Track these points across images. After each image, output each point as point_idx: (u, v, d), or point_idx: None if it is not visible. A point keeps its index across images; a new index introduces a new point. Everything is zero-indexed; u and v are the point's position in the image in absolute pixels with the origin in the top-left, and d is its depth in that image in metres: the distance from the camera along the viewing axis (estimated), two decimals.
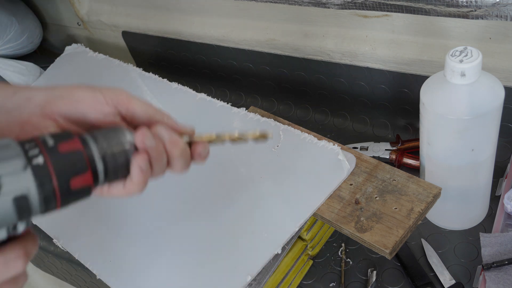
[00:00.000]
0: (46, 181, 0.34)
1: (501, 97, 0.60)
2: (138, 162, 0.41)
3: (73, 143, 0.36)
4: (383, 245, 0.60)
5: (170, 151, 0.44)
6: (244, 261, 0.64)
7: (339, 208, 0.66)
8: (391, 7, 0.72)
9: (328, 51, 0.92)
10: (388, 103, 0.92)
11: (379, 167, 0.70)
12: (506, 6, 0.63)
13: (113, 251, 0.72)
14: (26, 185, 0.33)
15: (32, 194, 0.34)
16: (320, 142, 0.74)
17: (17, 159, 0.33)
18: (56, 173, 0.34)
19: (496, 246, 0.66)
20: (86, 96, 0.42)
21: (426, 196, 0.64)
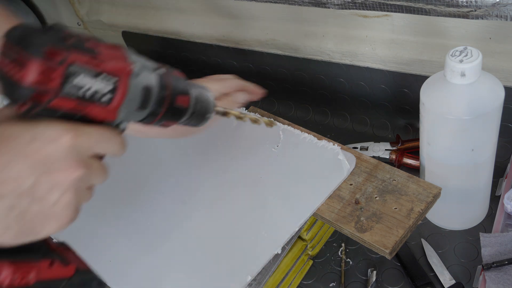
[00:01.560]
0: (163, 86, 0.46)
1: (501, 97, 0.60)
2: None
3: (180, 73, 0.50)
4: (383, 245, 0.60)
5: None
6: (244, 261, 0.64)
7: (339, 208, 0.66)
8: (391, 7, 0.72)
9: (328, 51, 0.92)
10: (388, 103, 0.92)
11: (379, 167, 0.70)
12: (506, 6, 0.63)
13: (113, 251, 0.72)
14: (152, 82, 0.44)
15: (154, 90, 0.45)
16: (320, 142, 0.74)
17: (151, 64, 0.45)
18: (171, 85, 0.47)
19: (496, 246, 0.66)
20: None
21: (426, 196, 0.64)
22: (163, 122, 0.49)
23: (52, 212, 0.39)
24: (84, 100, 0.39)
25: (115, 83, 0.41)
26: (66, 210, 0.40)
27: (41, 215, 0.39)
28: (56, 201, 0.39)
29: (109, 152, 0.43)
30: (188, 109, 0.50)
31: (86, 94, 0.39)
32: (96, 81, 0.39)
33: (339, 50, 0.91)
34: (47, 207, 0.39)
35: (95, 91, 0.40)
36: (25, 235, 0.39)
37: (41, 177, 0.38)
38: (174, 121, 0.50)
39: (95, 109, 0.40)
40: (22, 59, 0.36)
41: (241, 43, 1.02)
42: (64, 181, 0.39)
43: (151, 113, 0.46)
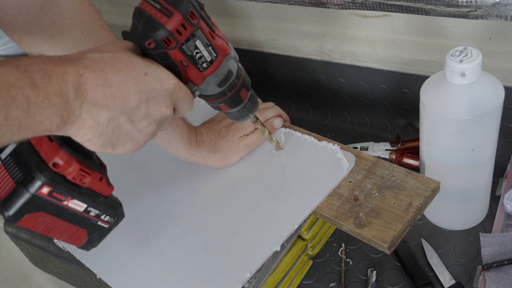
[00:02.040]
0: (239, 76, 0.57)
1: (501, 97, 0.60)
2: None
3: None
4: (382, 239, 0.61)
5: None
6: (243, 259, 0.65)
7: (338, 205, 0.66)
8: (391, 7, 0.72)
9: (328, 51, 0.92)
10: (388, 103, 0.92)
11: (378, 164, 0.70)
12: (506, 6, 0.63)
13: (113, 251, 0.72)
14: (234, 69, 0.56)
15: (233, 75, 0.56)
16: (320, 143, 0.74)
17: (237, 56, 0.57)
18: (242, 77, 0.58)
19: (496, 246, 0.66)
20: None
21: (424, 190, 0.65)
22: (223, 104, 0.58)
23: (135, 136, 0.47)
24: (191, 59, 0.50)
25: (215, 57, 0.52)
26: (144, 138, 0.49)
27: (127, 135, 0.47)
28: (143, 128, 0.48)
29: (183, 108, 0.52)
30: (244, 102, 0.60)
31: (195, 55, 0.50)
32: (205, 50, 0.50)
33: (339, 50, 0.91)
34: (135, 130, 0.47)
35: (201, 55, 0.50)
36: (107, 146, 0.46)
37: (141, 104, 0.46)
38: (230, 108, 0.60)
39: (192, 70, 0.51)
40: (170, 10, 0.47)
41: (241, 43, 1.02)
42: (156, 115, 0.48)
43: (221, 92, 0.56)
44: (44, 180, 0.44)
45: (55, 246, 0.79)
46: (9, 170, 0.44)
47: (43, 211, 0.45)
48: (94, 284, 0.91)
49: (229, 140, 0.76)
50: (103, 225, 0.51)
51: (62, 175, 0.45)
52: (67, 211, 0.47)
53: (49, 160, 0.45)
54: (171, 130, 0.72)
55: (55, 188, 0.45)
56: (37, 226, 0.46)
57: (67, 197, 0.46)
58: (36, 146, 0.45)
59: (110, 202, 0.51)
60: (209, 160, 0.76)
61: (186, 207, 0.74)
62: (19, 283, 1.35)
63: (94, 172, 0.48)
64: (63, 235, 0.48)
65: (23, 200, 0.43)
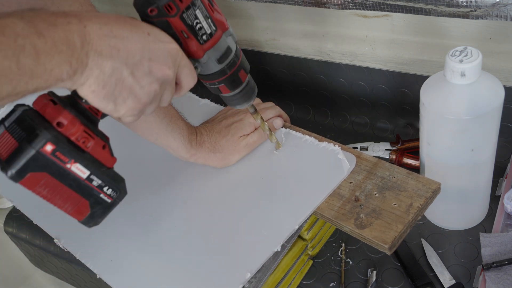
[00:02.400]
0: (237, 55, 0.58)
1: (501, 97, 0.60)
2: None
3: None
4: (382, 240, 0.61)
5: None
6: (244, 259, 0.65)
7: (338, 205, 0.66)
8: (391, 7, 0.72)
9: (328, 51, 0.92)
10: (388, 103, 0.92)
11: (379, 164, 0.70)
12: (506, 6, 0.63)
13: (113, 251, 0.72)
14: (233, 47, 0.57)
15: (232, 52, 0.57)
16: (321, 144, 0.74)
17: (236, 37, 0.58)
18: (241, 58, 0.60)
19: (496, 246, 0.66)
20: None
21: (425, 191, 0.65)
22: (222, 85, 0.60)
23: (137, 92, 0.48)
24: (192, 30, 0.52)
25: (214, 31, 0.54)
26: (146, 97, 0.49)
27: (129, 89, 0.47)
28: (146, 85, 0.48)
29: (186, 80, 0.54)
30: (243, 84, 0.62)
31: (195, 25, 0.52)
32: (205, 21, 0.52)
33: (339, 50, 0.91)
34: (137, 86, 0.48)
35: (201, 27, 0.52)
36: (110, 100, 0.46)
37: (144, 60, 0.47)
38: (229, 90, 0.61)
39: (192, 42, 0.53)
40: None
41: (241, 43, 1.02)
42: (158, 73, 0.49)
43: (221, 70, 0.57)
44: (48, 136, 0.44)
45: (55, 246, 0.79)
46: (13, 134, 0.45)
47: (46, 172, 0.45)
48: (94, 284, 0.91)
49: (229, 140, 0.76)
50: (106, 199, 0.51)
51: (66, 136, 0.46)
52: (70, 176, 0.47)
53: (53, 120, 0.46)
54: (171, 130, 0.72)
55: (59, 147, 0.45)
56: (40, 189, 0.46)
57: (70, 159, 0.46)
58: (40, 111, 0.46)
59: (113, 174, 0.51)
60: (209, 160, 0.76)
61: (186, 207, 0.74)
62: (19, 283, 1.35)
63: (97, 137, 0.49)
64: (66, 204, 0.48)
65: (27, 157, 0.44)
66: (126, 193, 0.54)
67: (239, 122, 0.78)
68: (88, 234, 0.76)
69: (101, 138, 0.49)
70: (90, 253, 0.74)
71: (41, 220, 0.82)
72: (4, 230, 1.00)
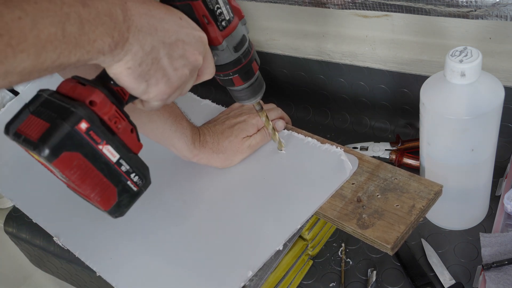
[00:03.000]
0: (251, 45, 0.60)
1: (501, 97, 0.60)
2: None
3: None
4: (385, 240, 0.61)
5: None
6: (246, 257, 0.65)
7: (341, 206, 0.66)
8: (391, 7, 0.72)
9: (328, 51, 0.92)
10: (388, 103, 0.92)
11: (381, 166, 0.70)
12: (506, 6, 0.63)
13: (113, 249, 0.72)
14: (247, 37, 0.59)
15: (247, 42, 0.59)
16: (323, 146, 0.74)
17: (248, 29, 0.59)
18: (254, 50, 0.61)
19: (496, 246, 0.66)
20: None
21: (427, 193, 0.65)
22: (236, 76, 0.60)
23: (170, 75, 0.48)
24: (213, 15, 0.52)
25: (232, 17, 0.55)
26: (177, 80, 0.49)
27: (163, 71, 0.48)
28: (179, 67, 0.49)
29: (206, 71, 0.54)
30: (255, 75, 0.63)
31: (216, 10, 0.52)
32: (225, 7, 0.53)
33: (339, 50, 0.91)
34: (171, 68, 0.48)
35: (221, 12, 0.53)
36: (143, 79, 0.46)
37: (179, 42, 0.48)
38: (243, 81, 0.62)
39: (212, 28, 0.53)
40: None
41: None
42: (190, 57, 0.50)
43: (237, 59, 0.58)
44: (83, 113, 0.43)
45: (55, 246, 0.79)
46: (41, 116, 0.44)
47: (79, 152, 0.44)
48: (94, 284, 0.91)
49: (232, 141, 0.76)
50: (133, 186, 0.50)
51: (99, 116, 0.45)
52: (101, 158, 0.46)
53: (86, 99, 0.45)
54: (175, 130, 0.72)
55: (93, 125, 0.44)
56: (72, 171, 0.44)
57: (102, 140, 0.45)
58: (68, 93, 0.45)
59: (139, 161, 0.51)
60: (212, 161, 0.76)
61: (188, 207, 0.74)
62: (19, 283, 1.35)
63: (127, 119, 0.48)
64: (94, 191, 0.47)
65: (62, 134, 0.43)
66: (151, 182, 0.53)
67: (242, 123, 0.78)
68: (88, 232, 0.77)
69: (130, 121, 0.49)
70: (90, 251, 0.74)
71: (41, 219, 0.82)
72: (4, 230, 1.00)
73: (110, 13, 0.41)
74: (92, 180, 0.46)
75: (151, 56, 0.46)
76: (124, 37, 0.43)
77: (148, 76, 0.47)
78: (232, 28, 0.55)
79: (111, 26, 0.41)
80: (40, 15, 0.37)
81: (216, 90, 1.10)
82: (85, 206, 0.80)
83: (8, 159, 0.94)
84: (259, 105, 0.70)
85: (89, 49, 0.40)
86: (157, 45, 0.46)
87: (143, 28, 0.44)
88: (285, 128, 0.80)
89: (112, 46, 0.42)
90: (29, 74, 0.38)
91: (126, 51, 0.43)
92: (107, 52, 0.42)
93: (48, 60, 0.38)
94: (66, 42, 0.38)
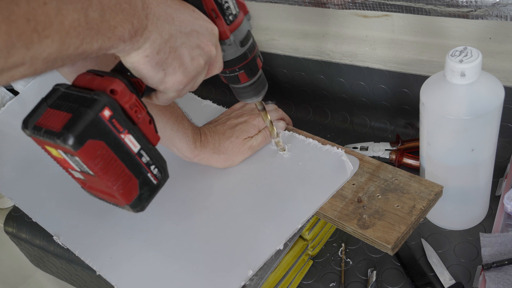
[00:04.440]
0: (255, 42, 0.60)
1: (501, 97, 0.60)
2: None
3: None
4: (385, 240, 0.61)
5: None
6: (246, 256, 0.65)
7: (341, 206, 0.67)
8: (391, 7, 0.72)
9: (328, 51, 0.92)
10: (388, 103, 0.92)
11: (382, 167, 0.70)
12: (506, 6, 0.63)
13: (113, 248, 0.72)
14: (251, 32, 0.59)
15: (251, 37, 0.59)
16: (324, 146, 0.74)
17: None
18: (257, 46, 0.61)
19: (496, 246, 0.66)
20: None
21: (428, 194, 0.65)
22: (242, 72, 0.61)
23: (187, 64, 0.49)
24: (221, 9, 0.53)
25: (238, 12, 0.55)
26: (193, 70, 0.50)
27: (180, 59, 0.48)
28: (195, 56, 0.49)
29: (215, 65, 0.54)
30: (259, 72, 0.63)
31: (223, 4, 0.53)
32: (232, 1, 0.53)
33: (339, 50, 0.91)
34: (188, 58, 0.49)
35: (228, 6, 0.53)
36: (160, 68, 0.47)
37: (194, 32, 0.49)
38: (247, 77, 0.62)
39: (220, 22, 0.53)
40: None
41: None
42: (205, 48, 0.50)
43: (243, 54, 0.58)
44: (106, 100, 0.43)
45: (55, 246, 0.79)
46: (61, 108, 0.44)
47: (103, 140, 0.44)
48: (94, 284, 0.91)
49: (234, 142, 0.76)
50: (153, 179, 0.50)
51: (120, 105, 0.45)
52: (124, 148, 0.46)
53: (106, 88, 0.45)
54: (176, 130, 0.72)
55: (115, 113, 0.44)
56: (96, 160, 0.44)
57: (124, 129, 0.45)
58: (86, 85, 0.45)
59: (158, 154, 0.51)
60: (212, 161, 0.76)
61: (189, 206, 0.75)
62: (19, 283, 1.35)
63: (146, 111, 0.48)
64: (118, 182, 0.46)
65: (87, 121, 0.42)
66: (169, 176, 0.53)
67: (244, 124, 0.78)
68: (88, 231, 0.77)
69: (148, 112, 0.48)
70: (90, 250, 0.74)
71: (41, 218, 0.82)
72: (4, 230, 1.00)
73: (130, 0, 0.42)
74: (115, 171, 0.46)
75: (169, 45, 0.46)
76: (143, 24, 0.43)
77: (166, 64, 0.47)
78: (239, 23, 0.56)
79: (131, 13, 0.41)
80: (63, 0, 0.37)
81: (217, 90, 1.10)
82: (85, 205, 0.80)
83: (8, 159, 0.94)
84: (261, 105, 0.70)
85: (110, 35, 0.40)
86: (175, 34, 0.47)
87: (161, 16, 0.45)
88: (286, 129, 0.80)
89: (132, 33, 0.42)
90: (54, 61, 0.38)
91: (145, 39, 0.44)
92: (127, 39, 0.42)
93: (72, 47, 0.38)
94: (89, 28, 0.39)
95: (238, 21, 0.55)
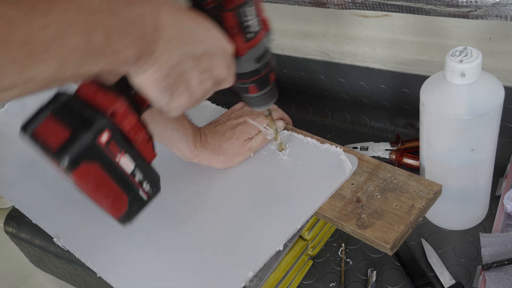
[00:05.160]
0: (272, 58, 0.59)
1: (501, 97, 0.60)
2: None
3: None
4: (384, 240, 0.61)
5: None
6: (246, 257, 0.65)
7: (340, 206, 0.67)
8: (391, 7, 0.72)
9: (328, 51, 0.92)
10: (388, 103, 0.92)
11: (381, 166, 0.70)
12: (506, 6, 0.63)
13: (113, 249, 0.72)
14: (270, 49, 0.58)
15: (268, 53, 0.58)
16: (323, 146, 0.74)
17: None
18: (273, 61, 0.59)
19: (496, 246, 0.66)
20: None
21: (426, 193, 0.65)
22: (253, 85, 0.59)
23: (194, 89, 0.48)
24: (240, 25, 0.51)
25: (259, 30, 0.54)
26: (200, 94, 0.49)
27: (187, 84, 0.47)
28: (203, 80, 0.48)
29: (227, 80, 0.52)
30: (270, 85, 0.62)
31: (244, 23, 0.51)
32: (253, 20, 0.52)
33: (339, 50, 0.91)
34: (196, 82, 0.47)
35: (249, 25, 0.52)
36: (167, 92, 0.46)
37: (207, 55, 0.47)
38: (258, 90, 0.61)
39: (238, 39, 0.52)
40: None
41: None
42: (216, 71, 0.49)
43: (257, 69, 0.57)
44: (106, 123, 0.43)
45: (55, 246, 0.79)
46: (60, 121, 0.43)
47: (98, 161, 0.44)
48: (94, 284, 0.91)
49: (234, 143, 0.76)
50: (143, 195, 0.50)
51: (119, 128, 0.45)
52: (117, 169, 0.46)
53: (107, 109, 0.44)
54: (176, 130, 0.72)
55: (114, 135, 0.44)
56: (88, 182, 0.44)
57: (120, 150, 0.45)
58: (88, 98, 0.44)
59: (152, 170, 0.51)
60: (212, 162, 0.76)
61: (189, 207, 0.74)
62: (19, 283, 1.35)
63: (146, 130, 0.48)
64: (107, 199, 0.47)
65: (83, 145, 0.42)
66: (160, 190, 0.53)
67: (244, 125, 0.78)
68: (88, 233, 0.77)
69: (148, 134, 0.48)
70: (90, 252, 0.74)
71: (41, 220, 0.82)
72: (4, 230, 1.00)
73: (139, 22, 0.40)
74: (106, 189, 0.46)
75: (177, 69, 0.45)
76: (150, 48, 0.41)
77: (173, 89, 0.46)
78: (258, 40, 0.54)
79: (139, 37, 0.40)
80: (66, 24, 0.36)
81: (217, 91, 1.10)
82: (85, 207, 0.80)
83: (8, 159, 0.94)
84: (268, 111, 0.70)
85: (113, 59, 0.39)
86: (185, 58, 0.45)
87: (173, 39, 0.43)
88: (285, 129, 0.80)
89: (138, 57, 0.41)
90: (51, 83, 0.37)
91: (152, 62, 0.42)
92: (133, 62, 0.41)
93: (70, 70, 0.37)
94: (90, 52, 0.37)
95: (258, 39, 0.54)
